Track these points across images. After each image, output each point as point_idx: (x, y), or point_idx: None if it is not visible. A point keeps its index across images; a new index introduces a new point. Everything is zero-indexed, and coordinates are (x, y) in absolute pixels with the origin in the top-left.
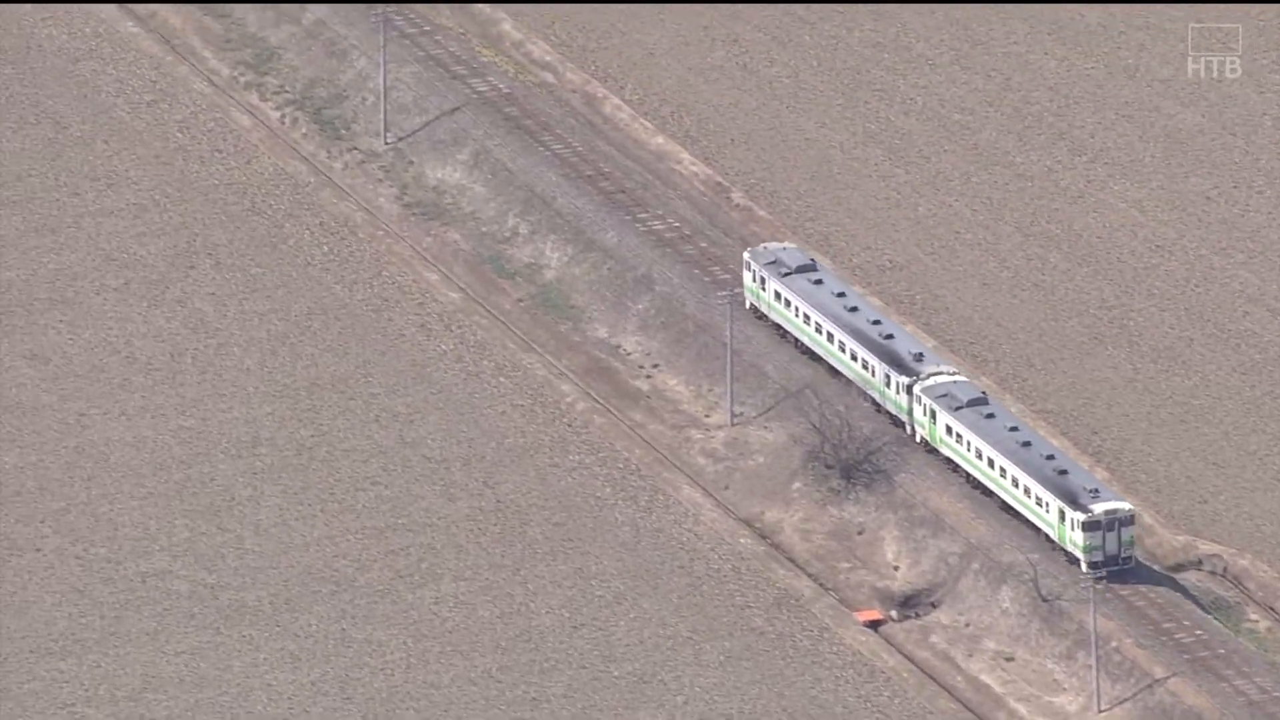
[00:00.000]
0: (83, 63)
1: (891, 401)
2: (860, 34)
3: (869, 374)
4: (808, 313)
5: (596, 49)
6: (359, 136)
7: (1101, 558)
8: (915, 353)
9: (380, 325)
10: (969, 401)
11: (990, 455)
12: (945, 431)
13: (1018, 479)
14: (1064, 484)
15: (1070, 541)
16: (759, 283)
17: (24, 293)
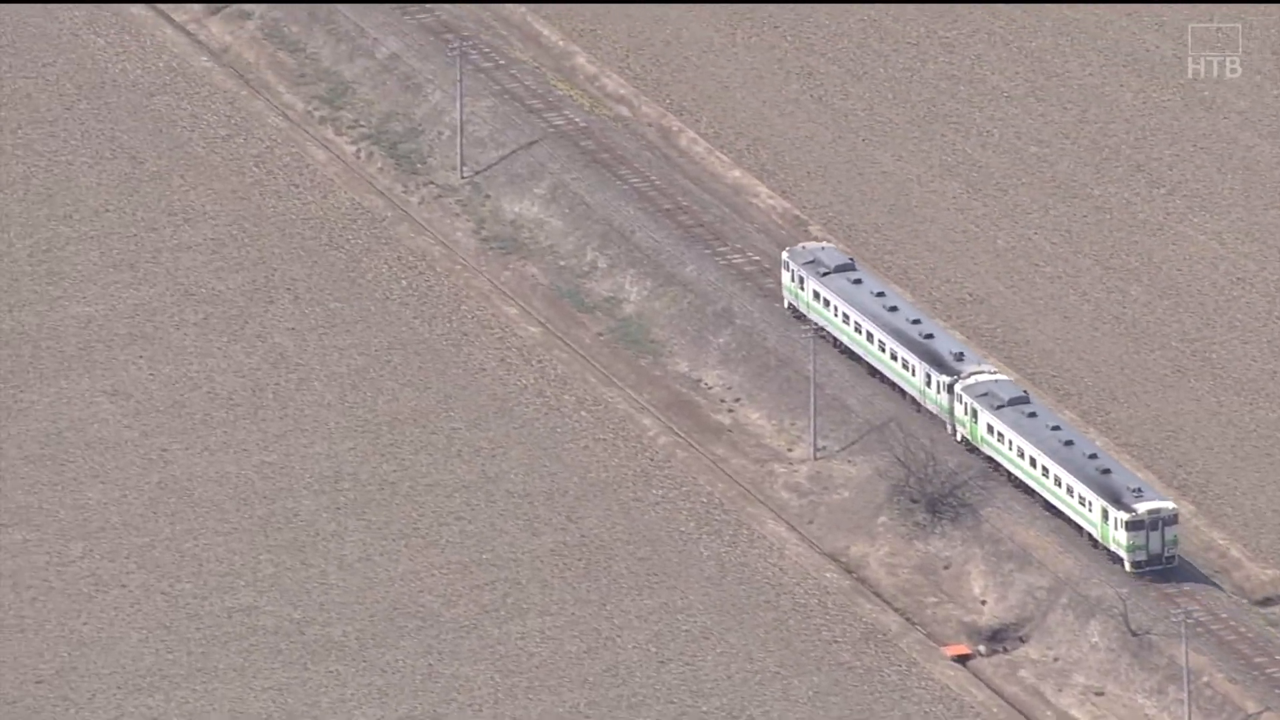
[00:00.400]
0: (157, 97)
1: (932, 400)
2: (934, 66)
3: (909, 373)
4: (847, 312)
5: (671, 82)
6: (435, 170)
7: (1145, 557)
8: (956, 352)
9: (460, 360)
10: (1010, 400)
11: (1033, 454)
12: (987, 430)
13: (1060, 478)
14: (1107, 483)
15: (1114, 541)
16: (797, 282)
17: (103, 328)
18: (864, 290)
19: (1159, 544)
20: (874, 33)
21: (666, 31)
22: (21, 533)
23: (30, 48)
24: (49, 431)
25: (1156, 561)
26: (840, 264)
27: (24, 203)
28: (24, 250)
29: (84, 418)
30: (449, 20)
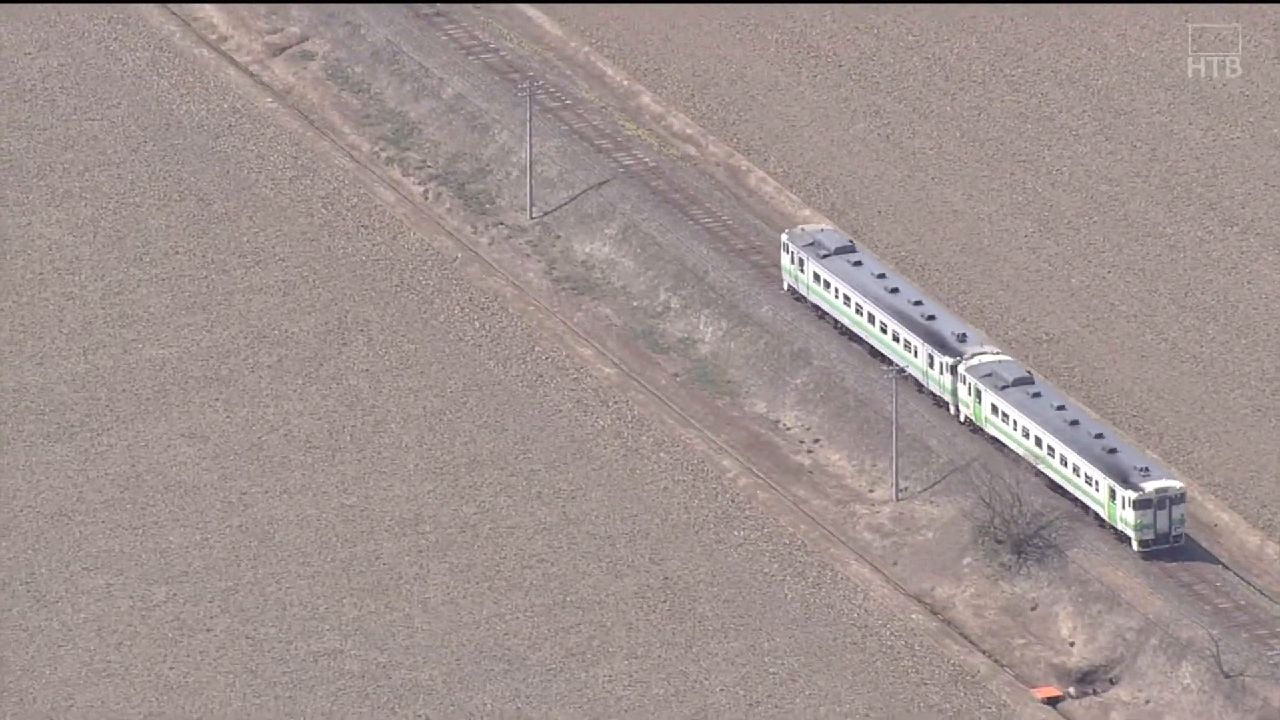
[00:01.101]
0: (223, 139)
1: (935, 381)
2: (1001, 105)
3: (911, 354)
4: (848, 294)
5: (737, 121)
6: (504, 211)
7: (1152, 536)
8: (958, 333)
9: (536, 401)
10: (1015, 381)
11: (1038, 434)
12: (991, 410)
13: (1066, 457)
14: (1114, 462)
15: (1121, 520)
16: (797, 264)
17: (178, 371)
18: (865, 272)
19: (1166, 523)
20: (939, 71)
21: (730, 70)
22: (104, 577)
23: (94, 90)
24: (128, 475)
25: (1164, 540)
26: (840, 246)
27: (93, 245)
28: (96, 293)
29: (162, 461)
30: (513, 60)
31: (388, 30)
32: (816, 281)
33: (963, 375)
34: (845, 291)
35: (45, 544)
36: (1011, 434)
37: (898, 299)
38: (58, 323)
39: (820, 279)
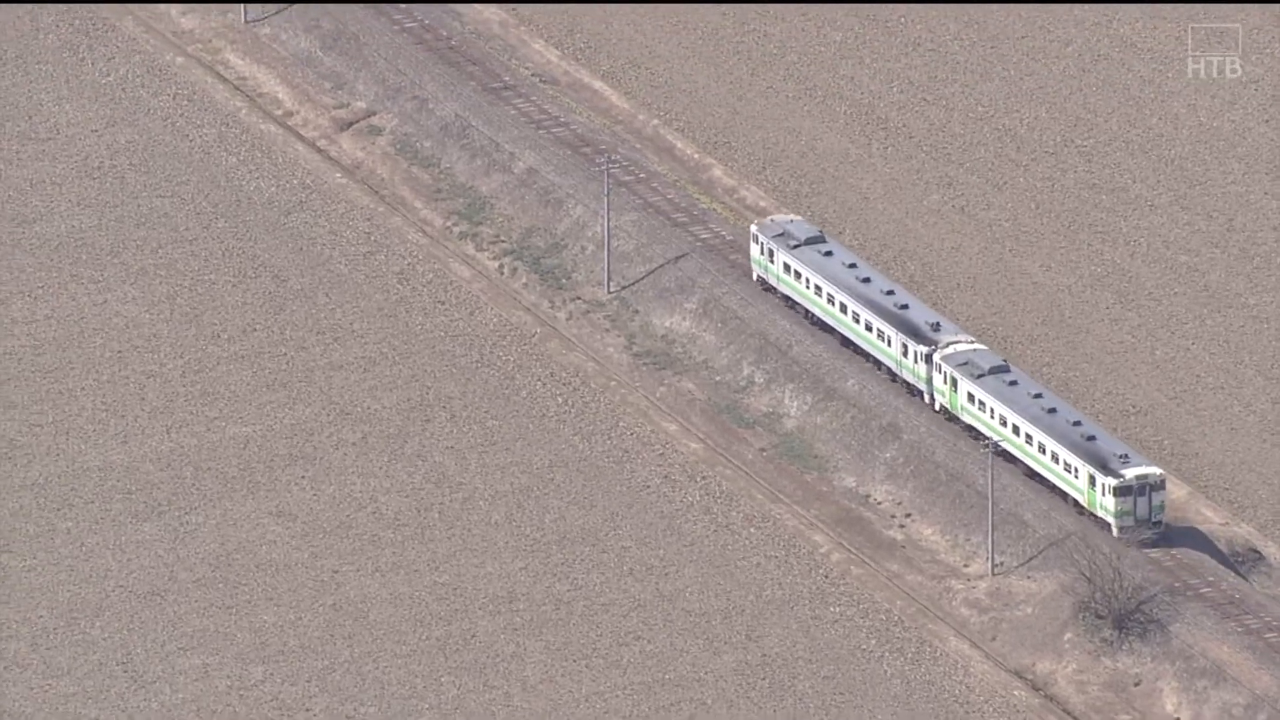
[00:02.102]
0: (294, 214)
1: (909, 371)
2: (1074, 175)
3: (885, 344)
4: (819, 284)
5: (810, 194)
6: (581, 285)
7: (1132, 523)
8: (932, 322)
9: (623, 477)
10: (991, 369)
11: (1015, 422)
12: (967, 399)
13: (1045, 445)
14: (1093, 449)
15: (1101, 507)
16: (767, 255)
17: (263, 448)
18: (836, 262)
19: (1146, 509)
20: (1010, 142)
21: (800, 142)
22: (201, 657)
23: (163, 166)
24: (218, 554)
25: (1144, 527)
26: (810, 236)
27: (171, 322)
28: (176, 370)
29: (252, 539)
30: (583, 133)
31: (456, 105)
32: (786, 272)
33: (938, 364)
34: (816, 282)
35: (139, 624)
36: (988, 422)
37: (870, 288)
38: (139, 400)
39: (790, 269)
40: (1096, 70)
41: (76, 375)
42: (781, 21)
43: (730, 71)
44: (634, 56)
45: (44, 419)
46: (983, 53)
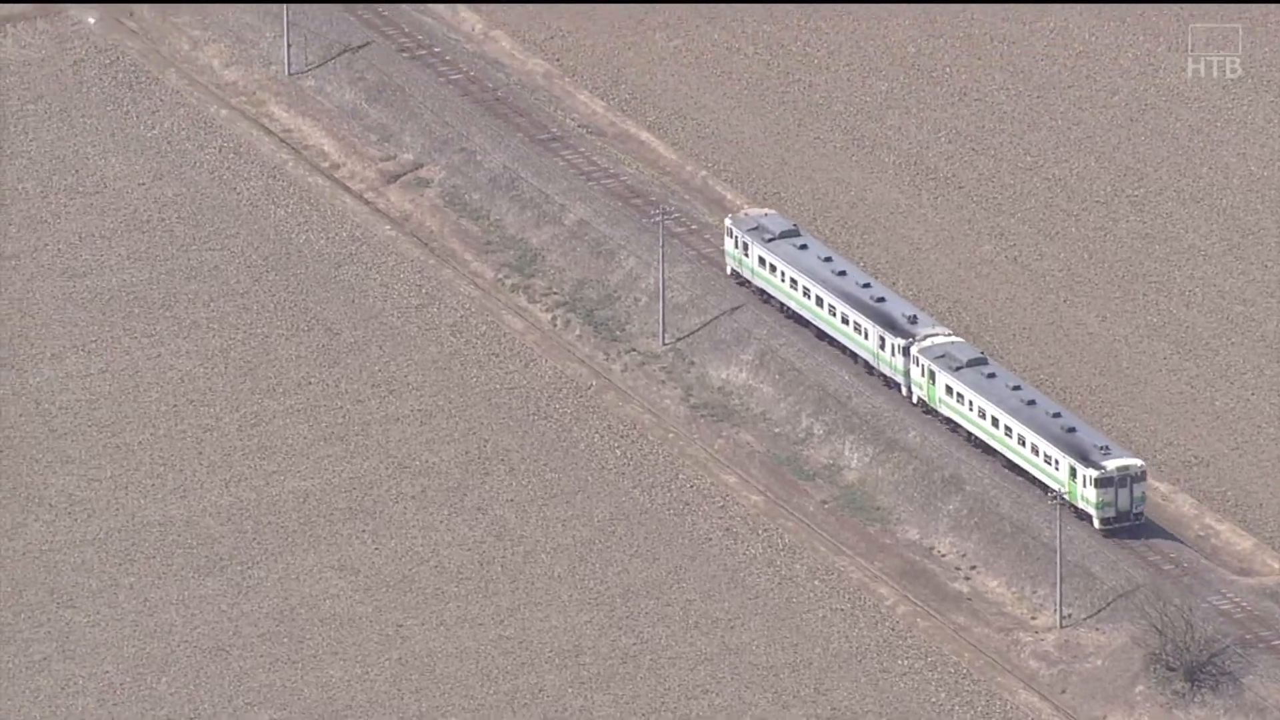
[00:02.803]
0: (345, 267)
1: (886, 363)
2: (1127, 225)
3: (862, 337)
4: (794, 277)
5: (862, 244)
6: (635, 337)
7: (1114, 514)
8: (909, 315)
9: (685, 529)
10: (969, 361)
11: (995, 414)
12: (945, 392)
13: (1025, 437)
14: (1074, 441)
15: (1082, 499)
16: (741, 249)
17: (322, 502)
18: (811, 255)
19: (1128, 501)
20: (1061, 192)
21: (850, 193)
22: (268, 712)
23: (211, 220)
24: (282, 608)
25: (1125, 518)
26: (785, 230)
27: (226, 376)
28: (232, 424)
29: (315, 593)
30: (633, 185)
31: (505, 156)
32: (761, 265)
33: (915, 357)
34: (792, 275)
35: (206, 679)
36: (967, 415)
37: (846, 281)
38: (197, 455)
39: (765, 263)
40: (1144, 119)
41: (133, 430)
42: (826, 71)
43: (777, 122)
44: (679, 107)
45: (102, 474)
46: (1029, 102)
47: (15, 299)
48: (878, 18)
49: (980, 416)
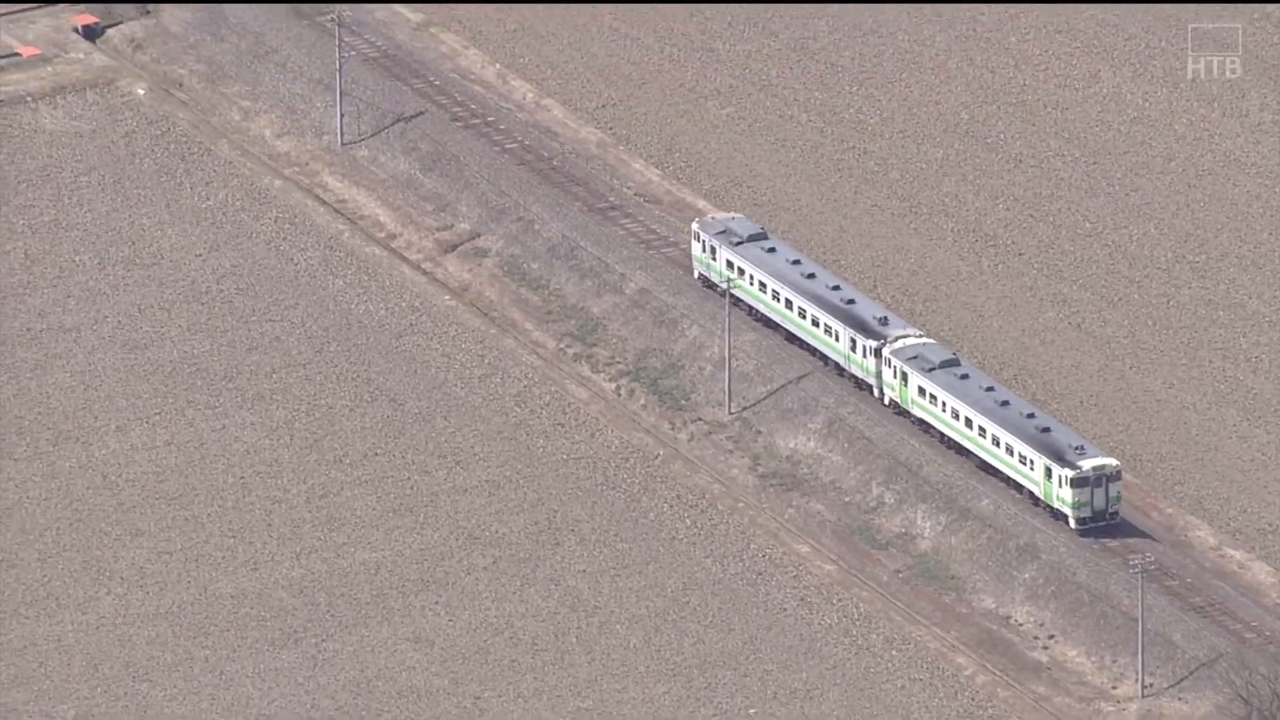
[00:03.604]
0: (405, 337)
1: (857, 365)
2: (1189, 291)
3: (832, 339)
4: (764, 280)
5: (924, 311)
6: (701, 406)
7: (1090, 513)
8: (879, 316)
9: (759, 599)
10: (942, 363)
11: (968, 415)
12: (918, 393)
13: (999, 438)
14: (1049, 442)
15: (1058, 499)
16: (709, 253)
17: (394, 574)
18: (780, 258)
19: (1103, 501)
20: (1122, 258)
21: (910, 260)
22: None
23: (270, 290)
24: (358, 681)
25: (1101, 518)
26: (753, 233)
27: (291, 448)
28: (300, 496)
29: (391, 666)
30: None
31: (563, 225)
32: (729, 269)
33: (887, 358)
34: (761, 278)
35: None
36: (939, 415)
37: (815, 284)
38: (266, 527)
39: (734, 266)
40: (1202, 185)
41: (202, 502)
42: (881, 138)
43: (833, 189)
44: (735, 175)
45: (172, 546)
46: (1086, 169)
47: (77, 371)
48: (929, 84)
49: (954, 418)
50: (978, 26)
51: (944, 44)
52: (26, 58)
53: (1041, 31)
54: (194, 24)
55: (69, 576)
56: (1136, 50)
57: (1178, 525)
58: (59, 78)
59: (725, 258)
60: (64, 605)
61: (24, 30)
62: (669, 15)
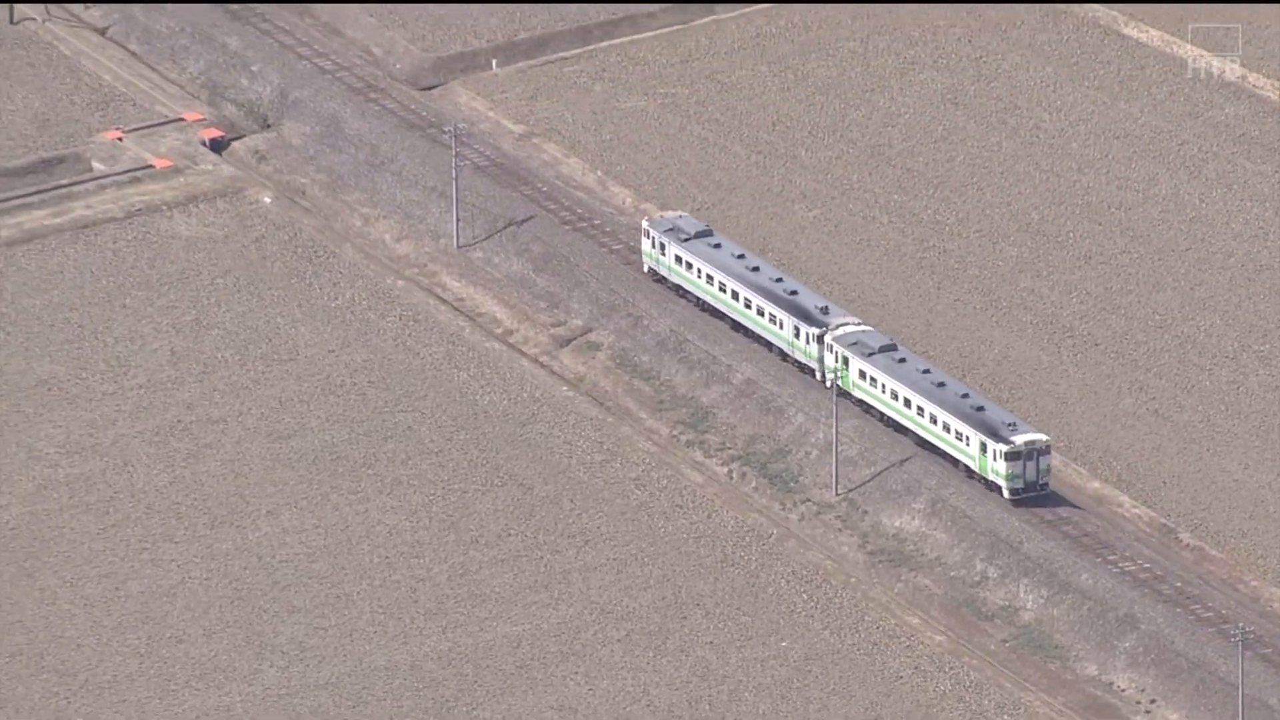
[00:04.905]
0: (529, 426)
1: (801, 351)
2: (1257, 378)
3: (777, 327)
4: (710, 273)
5: (1010, 399)
6: (809, 489)
7: (1022, 485)
8: (820, 306)
9: (876, 668)
10: (881, 348)
11: (907, 396)
12: (859, 376)
13: (936, 416)
14: (983, 419)
15: (992, 471)
16: (658, 248)
17: (534, 646)
18: (725, 253)
19: (1034, 473)
20: (1191, 348)
21: (994, 351)
22: None
23: (400, 383)
24: None
25: (1032, 489)
26: (699, 230)
27: (431, 529)
28: (443, 574)
29: None
30: None
31: (670, 320)
32: (678, 263)
33: (830, 344)
34: (708, 271)
35: None
36: (880, 397)
37: (760, 276)
38: (413, 603)
39: (682, 260)
40: (1260, 280)
41: (350, 580)
42: (958, 238)
43: (917, 285)
44: (825, 272)
45: (326, 622)
46: (1151, 265)
47: (227, 460)
48: (1000, 187)
49: (893, 398)
50: (1040, 134)
51: (1010, 149)
52: (160, 169)
53: (1101, 137)
54: (313, 136)
55: (234, 650)
56: (1190, 155)
57: (1263, 596)
58: (191, 188)
59: (674, 253)
60: (231, 677)
61: (156, 144)
62: (755, 125)
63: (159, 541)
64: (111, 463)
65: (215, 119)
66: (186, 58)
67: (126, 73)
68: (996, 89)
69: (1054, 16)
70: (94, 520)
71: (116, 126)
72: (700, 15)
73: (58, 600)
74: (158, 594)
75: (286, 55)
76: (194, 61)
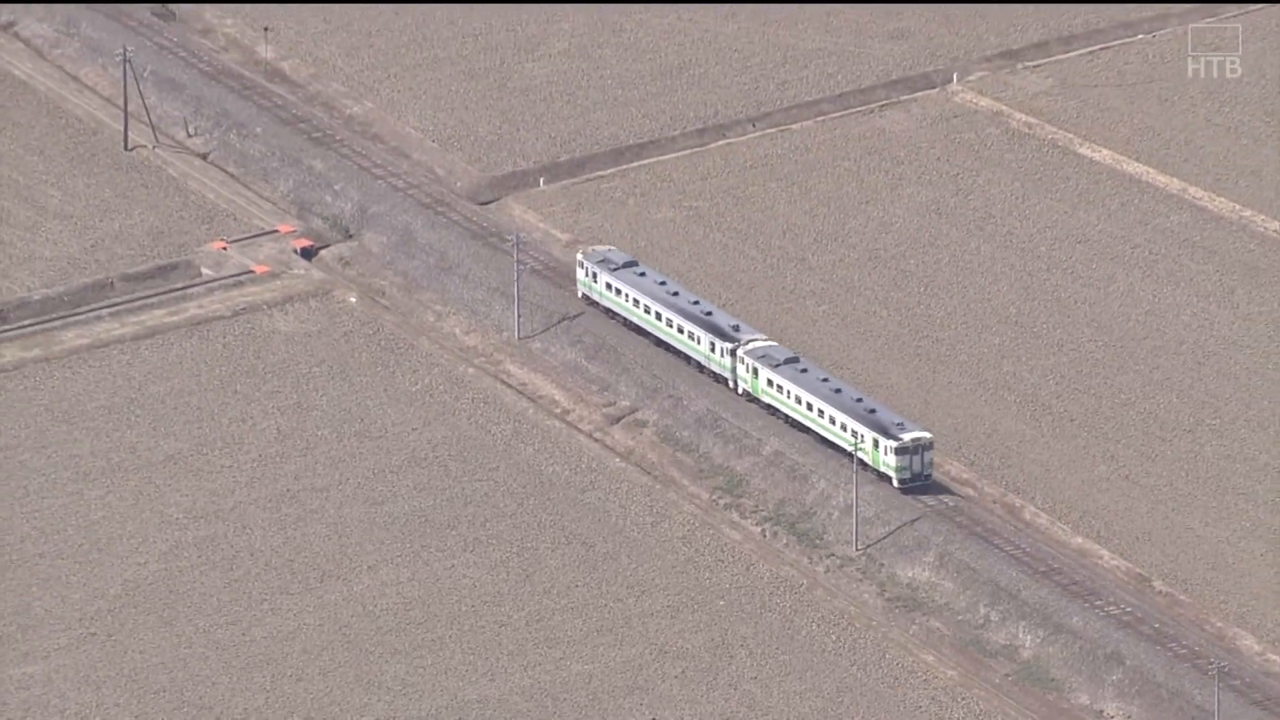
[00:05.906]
0: (588, 492)
1: (715, 363)
2: (1212, 448)
3: (694, 343)
4: (637, 298)
5: (1001, 467)
6: (833, 545)
7: (910, 475)
8: (732, 324)
9: (898, 698)
10: (785, 360)
11: (809, 400)
12: (767, 384)
13: (835, 417)
14: (875, 419)
15: (884, 464)
16: (591, 276)
17: (605, 681)
18: (649, 280)
19: (920, 465)
20: (1154, 422)
21: (985, 426)
22: None
23: (475, 456)
24: None
25: (918, 479)
26: (626, 261)
27: (509, 581)
28: (521, 620)
29: None
30: None
31: (707, 401)
32: (609, 290)
33: (741, 357)
34: (635, 296)
35: None
36: (785, 402)
37: (679, 300)
38: (497, 645)
39: (612, 287)
40: (1210, 363)
41: (442, 625)
42: (947, 329)
43: (915, 370)
44: (835, 359)
45: (424, 662)
46: (1114, 351)
47: (330, 523)
48: (981, 285)
49: (797, 403)
50: (1013, 239)
51: (988, 252)
52: (260, 274)
53: (1065, 242)
54: (390, 245)
55: (345, 688)
56: (1143, 257)
57: (1227, 635)
58: (287, 290)
59: (605, 280)
60: (345, 711)
61: (255, 252)
62: (768, 233)
63: (276, 593)
64: (232, 526)
65: (305, 230)
66: (278, 178)
67: (227, 191)
68: (973, 201)
69: (1019, 139)
70: (220, 575)
71: (221, 238)
72: (715, 139)
73: (193, 644)
74: (278, 638)
75: (364, 176)
76: (284, 181)
